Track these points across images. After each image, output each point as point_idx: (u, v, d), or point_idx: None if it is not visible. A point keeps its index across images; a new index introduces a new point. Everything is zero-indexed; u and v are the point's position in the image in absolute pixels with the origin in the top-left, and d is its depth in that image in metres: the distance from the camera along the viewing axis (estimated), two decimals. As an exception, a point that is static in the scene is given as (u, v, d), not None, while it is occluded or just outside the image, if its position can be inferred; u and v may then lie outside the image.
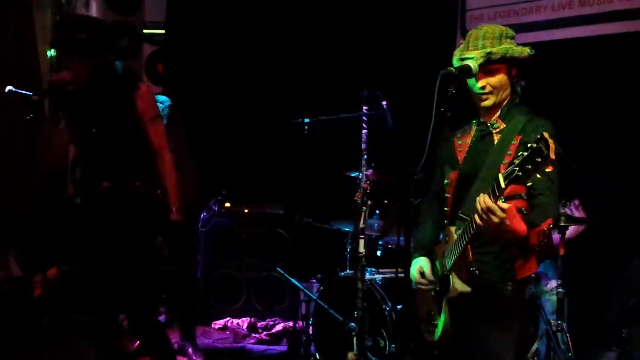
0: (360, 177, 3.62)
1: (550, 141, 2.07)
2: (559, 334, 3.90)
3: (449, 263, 2.57)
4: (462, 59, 2.58)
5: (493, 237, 2.41)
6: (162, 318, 5.24)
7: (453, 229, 2.59)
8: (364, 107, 3.59)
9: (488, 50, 2.53)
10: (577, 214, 4.01)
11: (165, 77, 6.23)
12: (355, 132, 3.62)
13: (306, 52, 5.73)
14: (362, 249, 3.62)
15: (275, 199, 5.65)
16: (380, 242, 4.72)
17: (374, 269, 4.48)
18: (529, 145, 2.11)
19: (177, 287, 4.65)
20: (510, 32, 2.62)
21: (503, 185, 2.19)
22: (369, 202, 3.79)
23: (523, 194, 2.46)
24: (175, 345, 4.67)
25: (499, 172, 2.32)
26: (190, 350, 4.54)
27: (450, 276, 2.56)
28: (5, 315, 4.90)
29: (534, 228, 2.40)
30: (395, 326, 3.96)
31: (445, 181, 2.74)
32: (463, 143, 2.71)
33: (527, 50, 2.58)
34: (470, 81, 2.61)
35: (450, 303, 2.59)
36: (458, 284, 2.54)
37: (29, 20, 6.05)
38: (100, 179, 3.39)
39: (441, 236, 2.71)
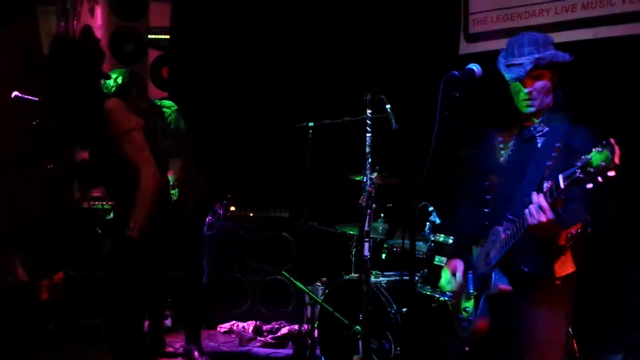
0: (364, 180, 3.64)
1: (616, 147, 2.10)
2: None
3: (493, 261, 2.63)
4: (509, 66, 2.63)
5: (536, 235, 2.44)
6: (167, 322, 5.25)
7: (501, 228, 2.62)
8: (368, 111, 3.60)
9: (537, 55, 2.59)
10: None
11: (170, 82, 6.27)
12: (360, 135, 3.63)
13: (311, 57, 5.75)
14: (366, 252, 3.63)
15: (280, 202, 5.67)
16: (385, 245, 4.73)
17: (378, 272, 4.50)
18: (594, 149, 2.13)
19: (183, 290, 4.66)
20: (550, 38, 2.67)
21: (562, 186, 2.24)
22: (374, 206, 3.80)
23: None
24: (181, 348, 4.70)
25: (543, 174, 2.34)
26: (196, 353, 4.54)
27: (493, 273, 2.61)
28: (12, 320, 4.92)
29: (565, 229, 2.45)
30: (400, 329, 3.97)
31: (486, 183, 2.77)
32: (505, 146, 2.75)
33: (567, 56, 2.64)
34: (516, 86, 2.66)
35: (490, 299, 2.64)
36: (500, 282, 2.60)
37: (34, 27, 6.10)
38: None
39: (488, 238, 2.72)
